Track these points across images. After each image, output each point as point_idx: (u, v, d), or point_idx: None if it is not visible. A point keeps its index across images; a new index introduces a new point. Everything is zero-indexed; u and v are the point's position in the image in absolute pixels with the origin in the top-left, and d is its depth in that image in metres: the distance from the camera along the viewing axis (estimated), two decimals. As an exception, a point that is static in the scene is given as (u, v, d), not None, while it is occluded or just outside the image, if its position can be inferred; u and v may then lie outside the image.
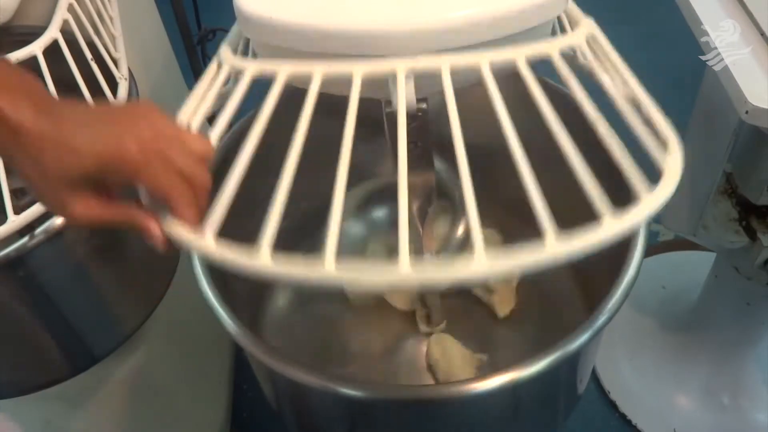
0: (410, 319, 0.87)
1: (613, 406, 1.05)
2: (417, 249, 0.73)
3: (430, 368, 0.84)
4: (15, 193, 0.58)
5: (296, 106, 0.84)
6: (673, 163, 0.44)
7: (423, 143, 0.59)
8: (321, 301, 0.91)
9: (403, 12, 0.50)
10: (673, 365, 1.05)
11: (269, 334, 0.87)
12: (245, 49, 0.60)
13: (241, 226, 0.47)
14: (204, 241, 0.41)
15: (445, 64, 0.48)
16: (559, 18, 0.58)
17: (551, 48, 0.49)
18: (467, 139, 0.50)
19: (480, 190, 0.47)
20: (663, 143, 0.45)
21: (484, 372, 0.82)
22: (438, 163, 0.65)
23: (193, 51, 1.11)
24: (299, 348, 0.87)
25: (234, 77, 0.55)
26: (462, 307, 0.89)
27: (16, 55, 0.60)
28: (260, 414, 1.07)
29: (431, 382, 0.84)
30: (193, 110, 0.52)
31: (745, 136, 0.76)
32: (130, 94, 0.67)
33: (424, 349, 0.87)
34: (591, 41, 0.53)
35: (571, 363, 0.66)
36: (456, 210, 0.75)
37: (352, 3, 0.51)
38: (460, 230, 0.74)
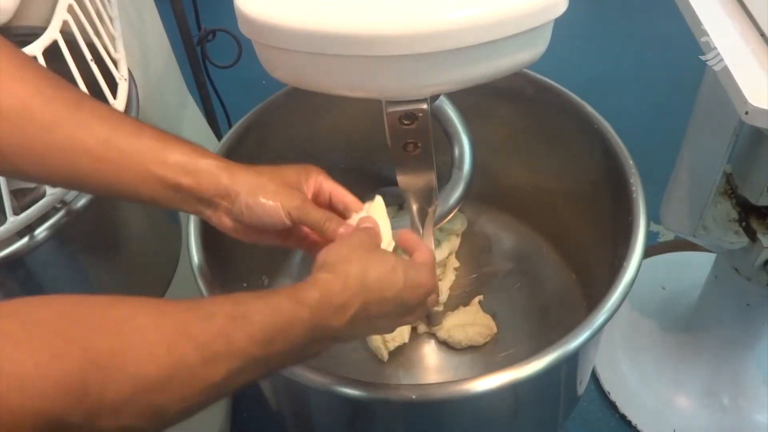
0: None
1: (613, 406, 1.05)
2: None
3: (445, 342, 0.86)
4: (15, 194, 0.58)
5: (299, 106, 0.84)
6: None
7: (423, 144, 0.59)
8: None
9: (403, 13, 0.50)
10: (673, 365, 1.05)
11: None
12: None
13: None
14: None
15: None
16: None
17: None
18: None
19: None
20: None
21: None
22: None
23: (193, 51, 1.11)
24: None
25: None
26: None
27: (16, 56, 0.60)
28: (260, 414, 1.07)
29: (434, 374, 0.84)
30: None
31: (745, 136, 0.76)
32: (129, 94, 0.67)
33: (424, 349, 0.87)
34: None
35: (571, 363, 0.66)
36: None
37: (352, 4, 0.51)
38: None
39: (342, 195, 0.57)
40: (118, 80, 0.67)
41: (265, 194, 0.52)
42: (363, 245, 0.51)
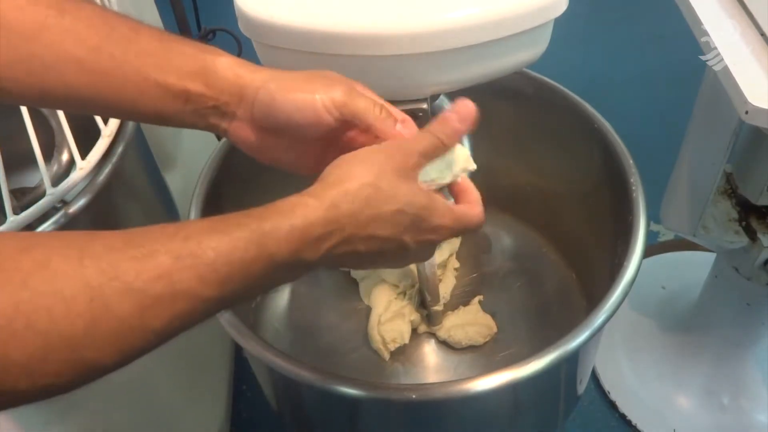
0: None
1: (613, 406, 1.05)
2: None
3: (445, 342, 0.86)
4: (15, 194, 0.59)
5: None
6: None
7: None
8: (322, 304, 0.91)
9: (403, 13, 0.50)
10: (673, 365, 1.05)
11: (269, 335, 0.87)
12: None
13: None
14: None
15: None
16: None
17: None
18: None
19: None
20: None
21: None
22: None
23: (193, 51, 1.11)
24: (300, 349, 0.87)
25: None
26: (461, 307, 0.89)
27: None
28: (260, 414, 1.07)
29: (434, 374, 0.84)
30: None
31: (745, 136, 0.76)
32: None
33: (424, 349, 0.87)
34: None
35: (571, 362, 0.66)
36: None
37: (352, 4, 0.51)
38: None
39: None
40: (118, 80, 0.67)
41: (295, 82, 0.43)
42: (381, 166, 0.41)
